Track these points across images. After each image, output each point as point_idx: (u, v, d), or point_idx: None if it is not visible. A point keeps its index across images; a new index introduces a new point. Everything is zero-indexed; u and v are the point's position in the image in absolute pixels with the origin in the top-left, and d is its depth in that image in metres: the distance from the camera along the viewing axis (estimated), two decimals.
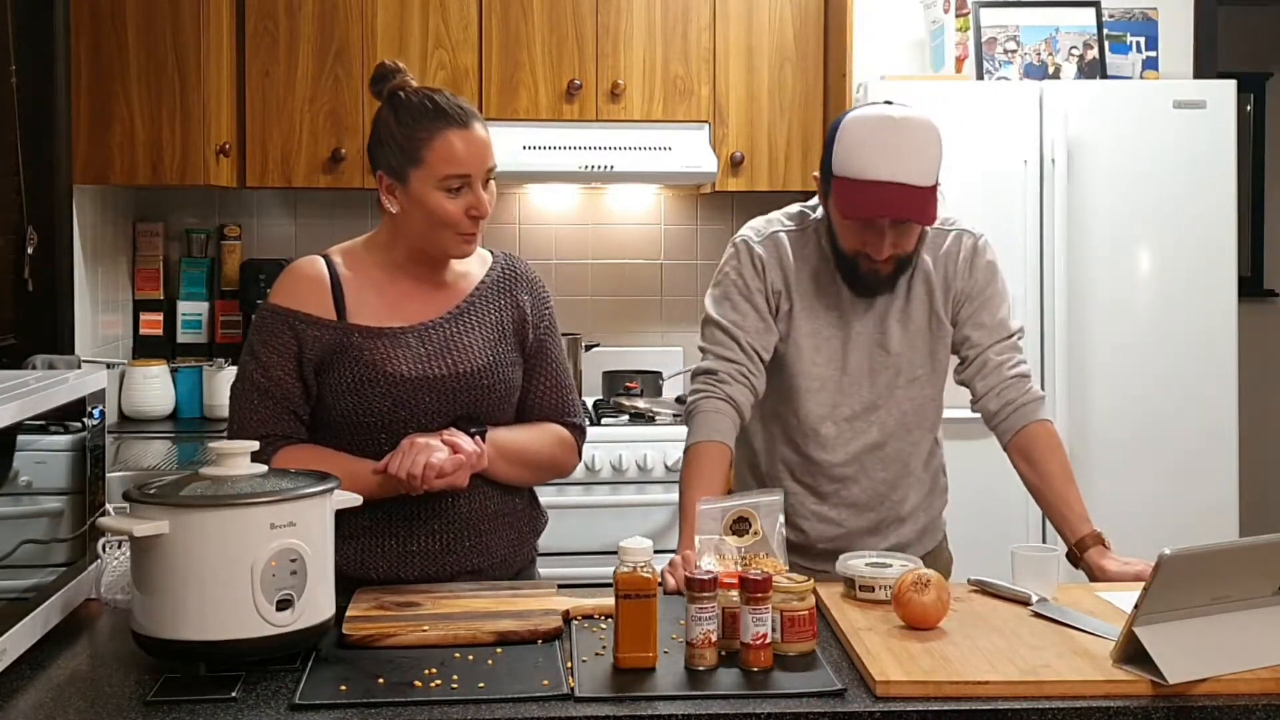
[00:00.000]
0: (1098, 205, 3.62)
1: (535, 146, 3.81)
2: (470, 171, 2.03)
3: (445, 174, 2.02)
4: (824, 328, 2.29)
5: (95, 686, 1.63)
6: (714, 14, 3.93)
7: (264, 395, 2.05)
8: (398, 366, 2.05)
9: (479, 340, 2.11)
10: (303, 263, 2.13)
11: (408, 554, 2.07)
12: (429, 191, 2.03)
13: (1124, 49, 3.95)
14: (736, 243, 2.33)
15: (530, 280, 2.21)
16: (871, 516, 2.33)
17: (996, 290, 2.33)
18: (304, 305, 2.07)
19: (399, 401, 2.04)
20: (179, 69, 3.56)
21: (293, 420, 2.06)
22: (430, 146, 2.02)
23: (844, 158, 2.16)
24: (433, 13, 3.84)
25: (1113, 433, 3.63)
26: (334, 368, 2.05)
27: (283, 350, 2.05)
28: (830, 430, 2.29)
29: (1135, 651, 1.62)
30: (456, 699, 1.56)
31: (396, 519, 2.07)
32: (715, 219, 4.29)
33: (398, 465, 1.97)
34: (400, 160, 2.04)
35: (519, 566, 2.20)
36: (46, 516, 1.84)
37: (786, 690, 1.60)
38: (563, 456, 2.21)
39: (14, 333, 3.35)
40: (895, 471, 2.32)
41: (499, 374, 2.11)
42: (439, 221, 2.04)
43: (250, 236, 4.18)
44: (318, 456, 2.03)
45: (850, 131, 2.17)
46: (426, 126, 2.03)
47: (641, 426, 3.70)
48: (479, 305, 2.15)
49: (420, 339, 2.08)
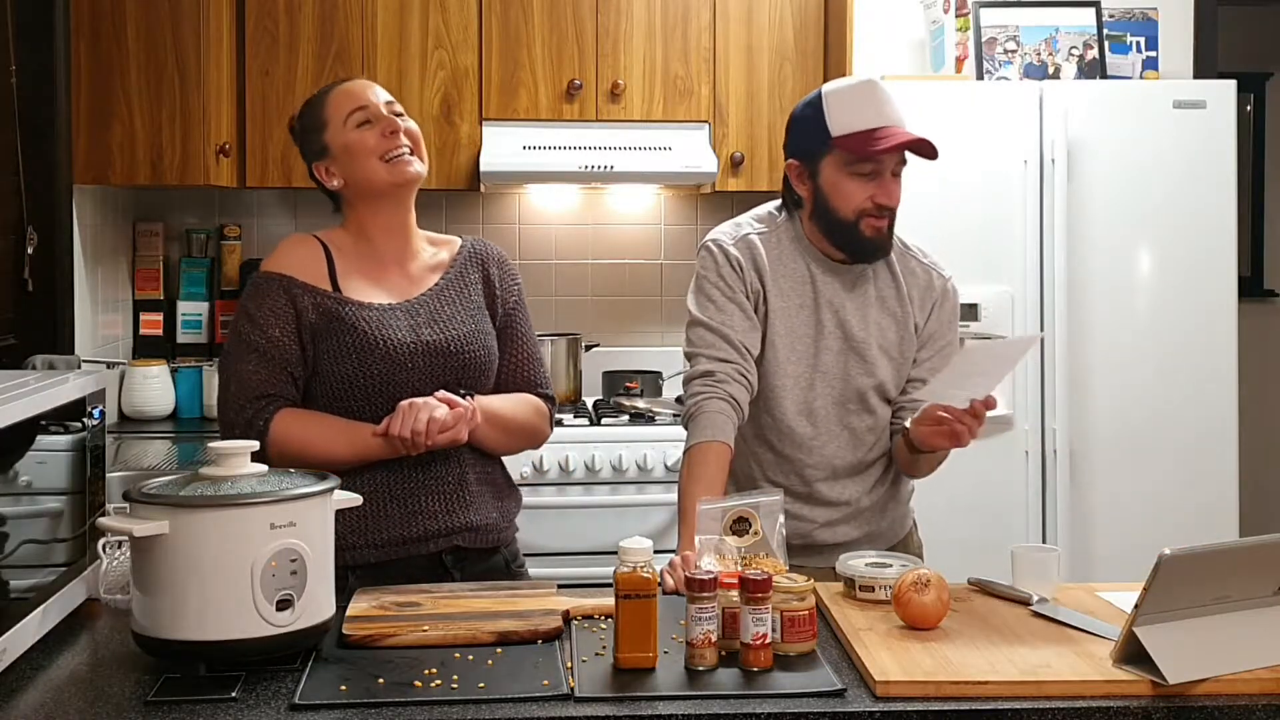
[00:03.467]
0: (1098, 205, 3.62)
1: (535, 146, 3.81)
2: (367, 103, 2.19)
3: (347, 112, 2.18)
4: (798, 326, 2.31)
5: (95, 686, 1.63)
6: (714, 14, 3.93)
7: (261, 356, 2.10)
8: (393, 333, 2.13)
9: (460, 312, 2.21)
10: (296, 237, 2.25)
11: (412, 513, 2.13)
12: (344, 137, 2.18)
13: (1124, 49, 3.95)
14: (710, 246, 2.35)
15: (498, 257, 2.32)
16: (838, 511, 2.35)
17: (953, 338, 2.40)
18: (300, 273, 2.15)
19: (396, 365, 2.12)
20: (179, 69, 3.56)
21: (289, 382, 2.12)
22: (325, 106, 2.22)
23: (841, 118, 2.24)
24: (433, 13, 3.84)
25: (1112, 433, 3.63)
26: (332, 335, 2.11)
27: (280, 313, 2.12)
28: (806, 428, 2.30)
29: (1135, 651, 1.62)
30: (456, 699, 1.56)
31: (398, 482, 2.14)
32: (715, 219, 4.23)
33: (399, 425, 2.04)
34: (315, 139, 2.22)
35: (509, 537, 2.28)
36: (46, 516, 1.84)
37: (786, 690, 1.60)
38: (539, 425, 2.29)
39: (14, 333, 3.35)
40: (862, 468, 2.35)
41: (481, 342, 2.21)
42: (362, 154, 2.17)
43: (250, 236, 4.18)
44: (316, 419, 2.11)
45: (838, 96, 2.27)
46: (316, 100, 2.25)
47: (641, 426, 3.70)
48: (455, 283, 2.25)
49: (408, 313, 2.17)
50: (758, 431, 2.34)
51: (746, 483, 2.33)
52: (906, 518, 2.47)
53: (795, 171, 2.32)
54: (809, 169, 2.29)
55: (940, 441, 2.15)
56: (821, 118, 2.26)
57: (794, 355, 2.31)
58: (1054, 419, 3.61)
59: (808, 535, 2.33)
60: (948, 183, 3.59)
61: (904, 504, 2.45)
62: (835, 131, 2.24)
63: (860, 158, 2.22)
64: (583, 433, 3.64)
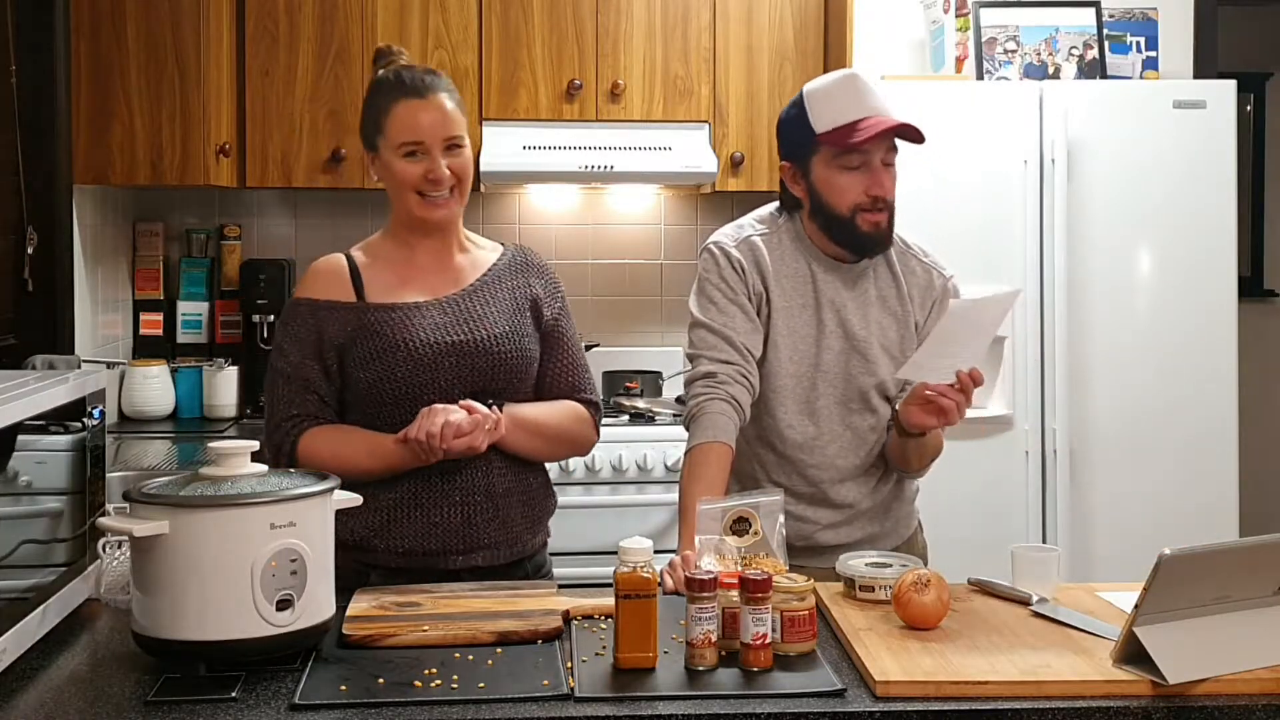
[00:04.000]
0: (1098, 205, 3.62)
1: (535, 146, 3.81)
2: (423, 139, 2.15)
3: (400, 141, 2.16)
4: (800, 326, 2.31)
5: (95, 686, 1.63)
6: (714, 14, 3.93)
7: (287, 380, 2.15)
8: (416, 334, 2.13)
9: (495, 311, 2.21)
10: (323, 260, 2.25)
11: (431, 525, 2.12)
12: (392, 158, 2.17)
13: (1124, 49, 3.95)
14: (712, 249, 2.35)
15: (541, 267, 2.32)
16: (841, 513, 2.34)
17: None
18: (323, 294, 2.18)
19: (420, 367, 2.12)
20: (179, 69, 3.56)
21: (316, 401, 2.15)
22: (389, 116, 2.17)
23: (823, 114, 2.25)
24: (433, 13, 3.84)
25: (1112, 432, 3.63)
26: (356, 344, 2.14)
27: (303, 338, 2.15)
28: (808, 428, 2.30)
29: (1135, 651, 1.62)
30: (456, 699, 1.56)
31: (420, 491, 2.13)
32: (715, 219, 4.28)
33: (417, 429, 2.04)
34: (371, 131, 2.21)
35: (535, 547, 2.26)
36: (46, 516, 1.84)
37: (786, 690, 1.60)
38: (581, 431, 2.27)
39: (14, 333, 3.35)
40: (865, 469, 2.35)
41: (516, 343, 2.19)
42: (400, 185, 2.17)
43: (250, 236, 4.18)
44: (341, 433, 2.14)
45: (819, 93, 2.28)
46: (387, 98, 2.18)
47: (641, 426, 3.70)
48: (494, 284, 2.24)
49: (439, 310, 2.18)
50: (760, 433, 2.34)
51: (749, 484, 2.33)
52: (911, 519, 2.46)
53: (789, 173, 2.33)
54: (800, 169, 2.30)
55: (928, 420, 2.14)
56: (805, 117, 2.27)
57: (796, 355, 2.31)
58: (1054, 419, 3.61)
59: (810, 537, 2.32)
60: (948, 183, 3.59)
61: (908, 504, 2.44)
62: (819, 128, 2.25)
63: (846, 150, 2.22)
64: None
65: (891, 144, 2.25)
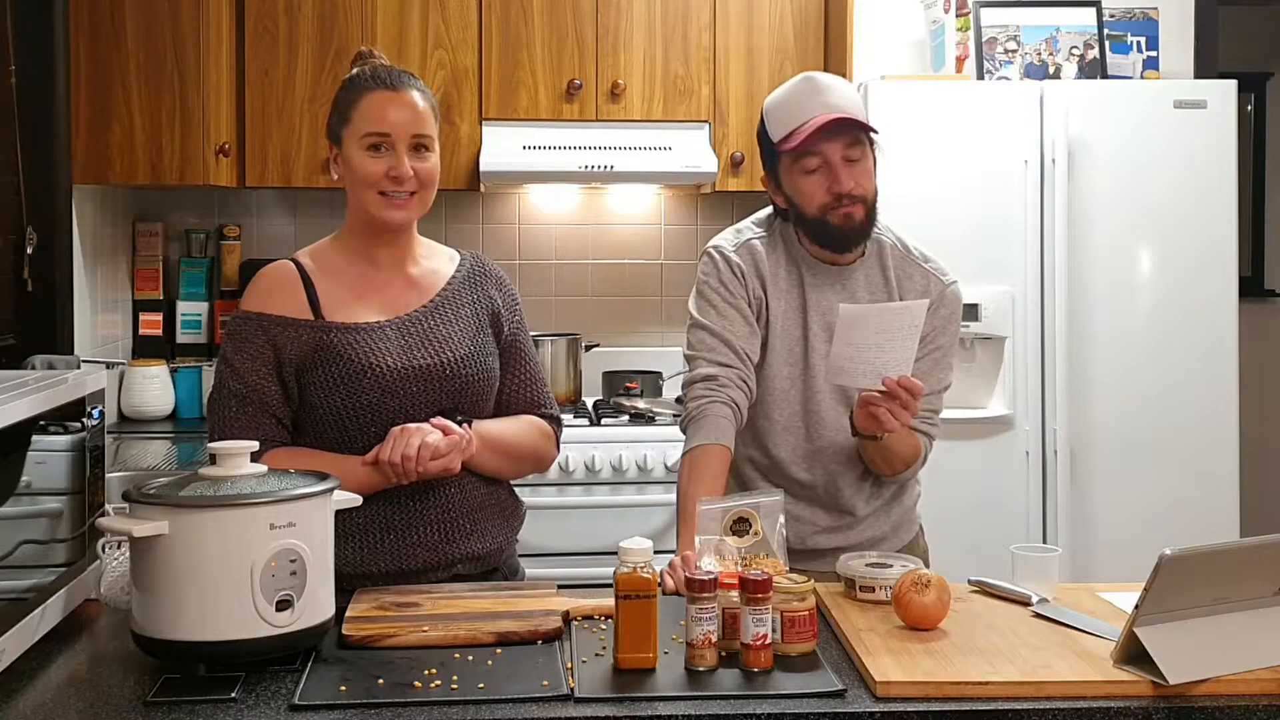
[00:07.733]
0: (1098, 205, 3.62)
1: (535, 146, 3.81)
2: (389, 131, 2.09)
3: (365, 131, 2.09)
4: (791, 330, 2.31)
5: (95, 687, 1.63)
6: (714, 14, 3.93)
7: (242, 402, 2.04)
8: (382, 358, 2.06)
9: (458, 331, 2.14)
10: (271, 267, 2.15)
11: (409, 545, 2.08)
12: (354, 151, 2.10)
13: (1124, 49, 3.95)
14: (712, 253, 2.35)
15: (498, 277, 2.26)
16: (841, 518, 2.34)
17: (946, 343, 2.35)
18: (277, 308, 2.07)
19: (387, 392, 2.05)
20: (179, 69, 3.56)
21: (273, 424, 2.06)
22: (357, 106, 2.11)
23: (777, 123, 2.27)
24: (433, 13, 3.84)
25: (1113, 433, 3.63)
26: (318, 366, 2.05)
27: (257, 355, 2.05)
28: (801, 433, 2.30)
29: (1135, 652, 1.62)
30: (456, 699, 1.56)
31: (395, 513, 2.07)
32: (715, 219, 4.29)
33: (389, 451, 1.97)
34: (337, 122, 2.14)
35: (508, 554, 2.24)
36: (46, 516, 1.84)
37: (786, 691, 1.60)
38: (544, 446, 2.23)
39: (14, 333, 3.35)
40: (860, 474, 2.34)
41: (480, 363, 2.14)
42: (360, 181, 2.10)
43: (250, 236, 4.18)
44: (304, 457, 2.03)
45: (774, 104, 2.30)
46: (358, 90, 2.13)
47: (641, 426, 3.70)
48: (453, 299, 2.18)
49: (400, 331, 2.10)
50: (755, 436, 2.34)
51: (743, 488, 2.33)
52: (912, 523, 2.45)
53: (768, 185, 2.35)
54: (774, 180, 2.32)
55: (868, 424, 2.15)
56: (765, 128, 2.30)
57: (789, 359, 2.31)
58: (1054, 419, 3.61)
59: (805, 540, 2.32)
60: (948, 183, 3.59)
61: (909, 508, 2.44)
62: (775, 137, 2.27)
63: (799, 154, 2.22)
64: (583, 433, 3.64)
65: (854, 138, 2.22)
